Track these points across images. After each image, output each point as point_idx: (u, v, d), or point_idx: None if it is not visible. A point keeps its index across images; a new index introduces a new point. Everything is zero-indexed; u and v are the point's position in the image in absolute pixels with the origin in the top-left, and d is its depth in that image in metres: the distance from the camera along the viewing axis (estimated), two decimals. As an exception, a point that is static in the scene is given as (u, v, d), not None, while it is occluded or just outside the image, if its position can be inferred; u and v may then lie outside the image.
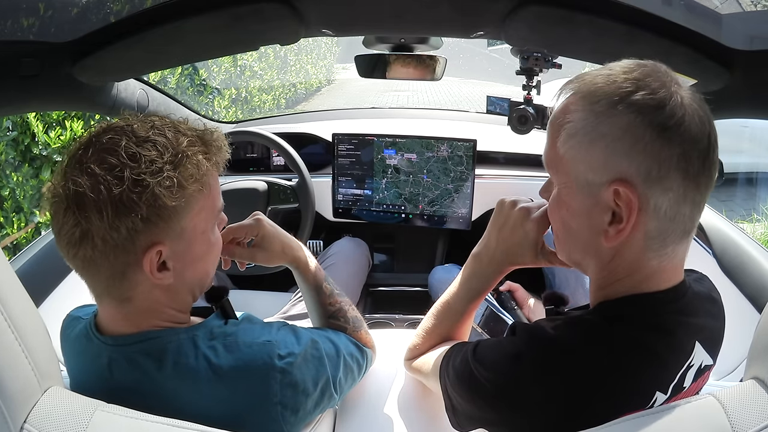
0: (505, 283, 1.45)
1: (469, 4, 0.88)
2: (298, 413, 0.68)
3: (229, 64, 6.46)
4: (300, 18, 0.89)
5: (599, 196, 0.56)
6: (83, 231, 0.56)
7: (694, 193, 0.55)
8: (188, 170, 0.60)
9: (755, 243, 1.29)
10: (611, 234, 0.56)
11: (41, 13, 0.77)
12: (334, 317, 0.87)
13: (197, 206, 0.63)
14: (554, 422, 0.58)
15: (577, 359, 0.57)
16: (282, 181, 1.60)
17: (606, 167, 0.55)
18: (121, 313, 0.63)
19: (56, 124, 2.57)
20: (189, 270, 0.65)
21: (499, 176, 1.73)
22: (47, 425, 0.49)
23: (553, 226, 0.66)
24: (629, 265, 0.58)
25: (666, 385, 0.59)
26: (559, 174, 0.61)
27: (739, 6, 0.81)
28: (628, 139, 0.53)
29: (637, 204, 0.54)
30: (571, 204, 0.60)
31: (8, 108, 1.09)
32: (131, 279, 0.60)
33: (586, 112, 0.56)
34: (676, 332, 0.59)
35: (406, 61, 1.39)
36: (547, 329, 0.60)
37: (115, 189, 0.56)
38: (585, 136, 0.56)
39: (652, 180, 0.53)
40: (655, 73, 0.55)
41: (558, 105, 0.60)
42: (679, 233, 0.56)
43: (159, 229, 0.59)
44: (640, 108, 0.53)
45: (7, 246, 2.44)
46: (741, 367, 1.13)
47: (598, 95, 0.55)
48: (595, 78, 0.57)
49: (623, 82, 0.55)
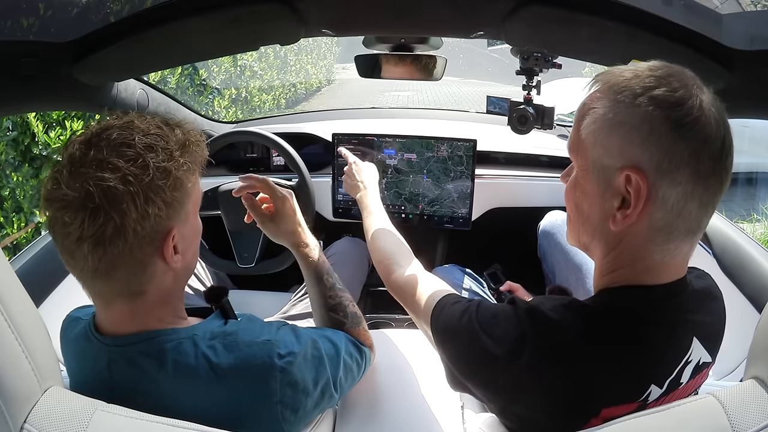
0: (505, 283, 1.45)
1: (469, 4, 0.88)
2: (298, 412, 0.68)
3: (229, 64, 6.47)
4: (300, 18, 0.89)
5: (612, 180, 0.59)
6: (116, 226, 0.57)
7: (702, 193, 0.56)
8: (193, 155, 0.66)
9: (755, 243, 1.29)
10: (618, 218, 0.59)
11: (41, 13, 0.77)
12: (333, 311, 0.88)
13: (197, 189, 0.68)
14: (546, 407, 0.59)
15: (574, 347, 0.58)
16: (282, 181, 1.60)
17: (621, 153, 0.58)
18: (131, 310, 0.63)
19: (56, 124, 2.57)
20: (189, 252, 0.68)
21: (499, 176, 1.73)
22: (47, 425, 0.49)
23: (567, 207, 0.69)
24: (632, 254, 0.60)
25: (662, 380, 0.59)
26: (578, 157, 0.63)
27: (739, 6, 0.81)
28: (645, 129, 0.56)
29: (646, 192, 0.56)
30: (586, 186, 0.63)
31: (8, 108, 1.09)
32: (150, 271, 0.62)
33: (609, 100, 0.59)
34: (673, 327, 0.60)
35: (406, 61, 1.39)
36: (546, 312, 0.60)
37: (145, 178, 0.58)
38: (605, 123, 0.59)
39: (662, 171, 0.55)
40: (678, 74, 0.58)
41: (587, 94, 0.63)
42: (684, 230, 0.58)
43: (176, 212, 0.63)
44: (659, 102, 0.56)
45: (7, 246, 2.44)
46: (741, 367, 1.13)
47: (622, 86, 0.58)
48: (622, 72, 0.60)
49: (647, 77, 0.57)
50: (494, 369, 0.62)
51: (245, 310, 0.77)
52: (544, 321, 0.60)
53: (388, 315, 1.60)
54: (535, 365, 0.59)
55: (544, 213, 1.57)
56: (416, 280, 0.85)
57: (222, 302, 0.73)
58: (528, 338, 0.60)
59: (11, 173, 2.45)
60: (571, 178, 0.67)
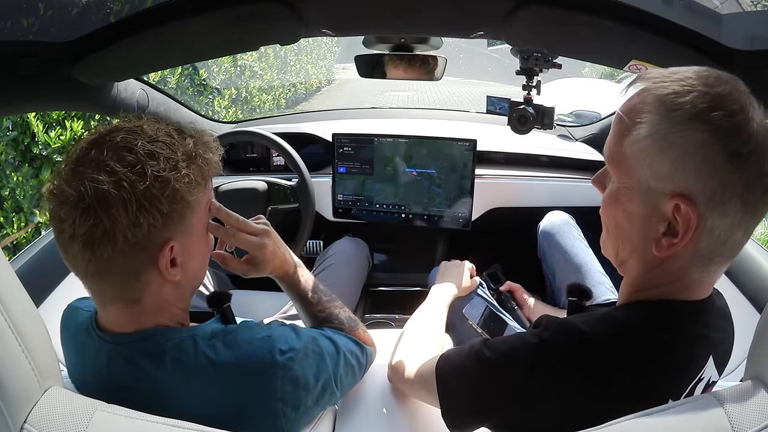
0: (505, 283, 1.45)
1: (469, 4, 0.88)
2: (299, 409, 0.68)
3: (229, 64, 6.46)
4: (300, 18, 0.89)
5: (659, 205, 0.56)
6: (105, 230, 0.56)
7: (750, 222, 0.55)
8: (200, 167, 0.63)
9: (755, 243, 1.29)
10: (664, 245, 0.57)
11: (41, 13, 0.77)
12: (326, 321, 0.86)
13: (203, 201, 0.66)
14: (564, 414, 0.58)
15: (606, 354, 0.57)
16: (282, 181, 1.60)
17: (672, 179, 0.55)
18: (128, 314, 0.63)
19: (56, 124, 2.57)
20: (193, 265, 0.66)
21: (499, 176, 1.73)
22: (47, 425, 0.49)
23: (604, 220, 0.66)
24: (671, 274, 0.59)
25: (678, 394, 0.59)
26: (620, 172, 0.60)
27: (739, 6, 0.81)
28: (699, 157, 0.53)
29: (695, 222, 0.54)
30: (629, 206, 0.59)
31: (8, 108, 1.09)
32: (144, 279, 0.61)
33: (660, 117, 0.55)
34: (698, 343, 0.60)
35: (406, 61, 1.39)
36: (579, 325, 0.59)
37: (140, 185, 0.57)
38: (655, 143, 0.55)
39: (714, 202, 0.53)
40: (736, 93, 0.54)
41: (629, 99, 0.59)
42: (727, 256, 0.57)
43: (174, 224, 0.61)
44: (716, 128, 0.52)
45: (7, 246, 2.44)
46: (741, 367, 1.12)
47: (675, 104, 0.54)
48: (672, 83, 0.56)
49: (702, 95, 0.53)
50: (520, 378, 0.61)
51: (245, 310, 0.77)
52: (578, 332, 0.59)
53: (388, 315, 1.60)
54: (555, 365, 0.58)
55: (544, 213, 1.57)
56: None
57: (224, 308, 0.73)
58: (548, 345, 0.59)
59: (11, 173, 2.45)
60: (609, 191, 0.63)
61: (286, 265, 0.85)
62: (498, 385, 0.63)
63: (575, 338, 0.59)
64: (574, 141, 1.91)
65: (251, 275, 0.82)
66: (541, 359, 0.60)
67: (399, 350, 0.92)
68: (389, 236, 1.91)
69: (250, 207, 1.55)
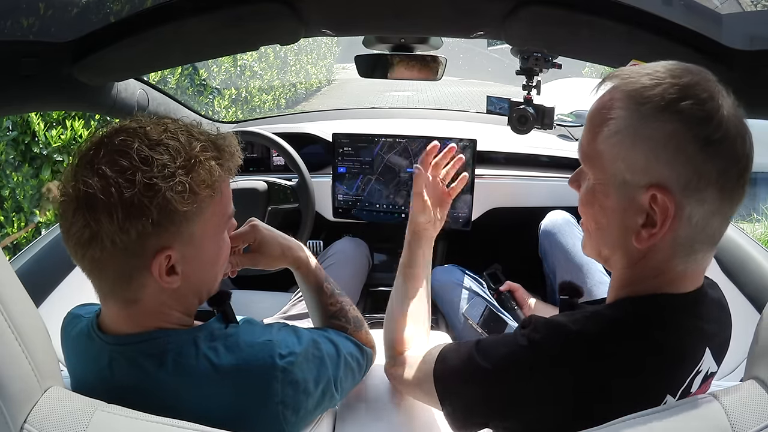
0: (505, 283, 1.45)
1: (469, 4, 0.88)
2: (299, 413, 0.68)
3: (229, 64, 6.46)
4: (300, 18, 0.89)
5: (635, 198, 0.56)
6: (92, 232, 0.56)
7: (727, 208, 0.55)
8: (201, 176, 0.60)
9: (755, 243, 1.29)
10: (644, 236, 0.57)
11: (41, 12, 0.77)
12: (335, 317, 0.87)
13: (208, 212, 0.63)
14: (561, 416, 0.58)
15: (596, 353, 0.57)
16: (282, 181, 1.60)
17: (646, 171, 0.55)
18: (126, 314, 0.63)
19: (57, 124, 2.57)
20: (197, 274, 0.65)
21: (499, 176, 1.73)
22: (47, 425, 0.49)
23: (583, 220, 0.66)
24: (655, 267, 0.59)
25: (676, 389, 0.59)
26: (595, 169, 0.60)
27: (739, 6, 0.81)
28: (672, 147, 0.53)
29: (673, 211, 0.54)
30: (605, 201, 0.60)
31: (8, 108, 1.09)
32: (138, 282, 0.60)
33: (630, 111, 0.56)
34: (691, 335, 0.60)
35: (406, 61, 1.39)
36: (567, 324, 0.59)
37: (127, 192, 0.55)
38: (627, 137, 0.56)
39: (690, 190, 0.54)
40: (704, 82, 0.55)
41: (599, 98, 0.60)
42: (707, 243, 0.57)
43: (169, 233, 0.59)
44: (686, 117, 0.53)
45: (7, 246, 2.44)
46: (741, 367, 1.12)
47: (644, 97, 0.55)
48: (640, 77, 0.56)
49: (671, 87, 0.54)
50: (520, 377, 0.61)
51: (245, 310, 0.77)
52: (567, 331, 0.59)
53: None
54: (550, 368, 0.58)
55: (544, 213, 1.57)
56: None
57: (224, 306, 0.73)
58: (540, 346, 0.59)
59: (11, 173, 2.45)
60: (585, 188, 0.63)
61: (293, 249, 0.86)
62: (494, 392, 0.63)
63: (564, 338, 0.59)
64: (574, 141, 1.91)
65: (262, 265, 0.84)
66: (534, 362, 0.60)
67: (388, 343, 0.91)
68: (389, 236, 1.91)
69: (250, 207, 1.55)
